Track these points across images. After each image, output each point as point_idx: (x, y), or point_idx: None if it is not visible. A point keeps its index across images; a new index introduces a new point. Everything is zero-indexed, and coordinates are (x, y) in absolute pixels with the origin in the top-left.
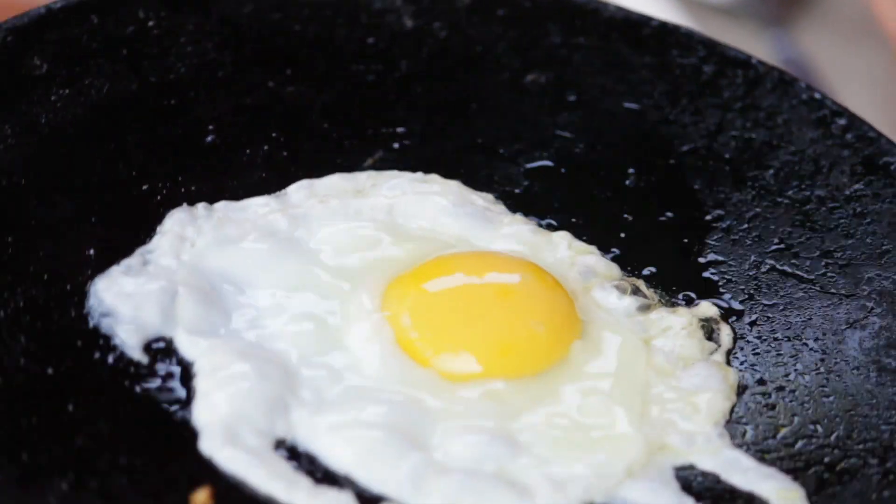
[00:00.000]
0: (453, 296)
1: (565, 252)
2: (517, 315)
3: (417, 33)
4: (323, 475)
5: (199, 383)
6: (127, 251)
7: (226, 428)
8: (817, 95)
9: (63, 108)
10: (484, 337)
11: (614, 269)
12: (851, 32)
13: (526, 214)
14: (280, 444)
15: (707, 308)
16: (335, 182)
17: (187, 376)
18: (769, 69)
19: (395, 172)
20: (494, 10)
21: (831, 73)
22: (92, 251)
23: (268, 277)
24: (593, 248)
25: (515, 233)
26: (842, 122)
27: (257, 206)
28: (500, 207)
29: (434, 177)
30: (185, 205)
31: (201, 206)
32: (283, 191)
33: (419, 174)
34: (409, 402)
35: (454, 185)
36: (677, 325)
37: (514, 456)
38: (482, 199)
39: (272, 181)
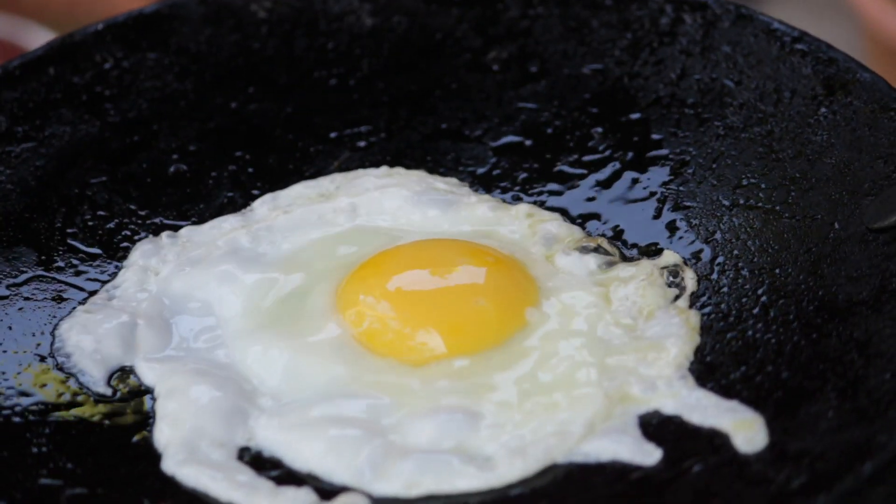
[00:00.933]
0: (400, 284)
1: (525, 223)
2: (461, 293)
3: (377, 31)
4: (286, 476)
5: (159, 406)
6: (96, 290)
7: (185, 445)
8: (774, 25)
9: (24, 162)
10: (431, 318)
11: (576, 232)
12: (818, 7)
13: (494, 191)
14: (244, 452)
15: (669, 256)
16: (299, 191)
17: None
18: (726, 7)
19: (359, 172)
20: None
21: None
22: (59, 295)
23: (230, 294)
24: (556, 215)
25: (475, 213)
26: (801, 47)
27: (221, 225)
28: (465, 189)
29: (398, 170)
30: (149, 236)
31: (165, 234)
32: (248, 207)
33: (383, 168)
34: (367, 392)
35: (417, 175)
36: (638, 277)
37: (473, 430)
38: (446, 184)
39: (239, 200)
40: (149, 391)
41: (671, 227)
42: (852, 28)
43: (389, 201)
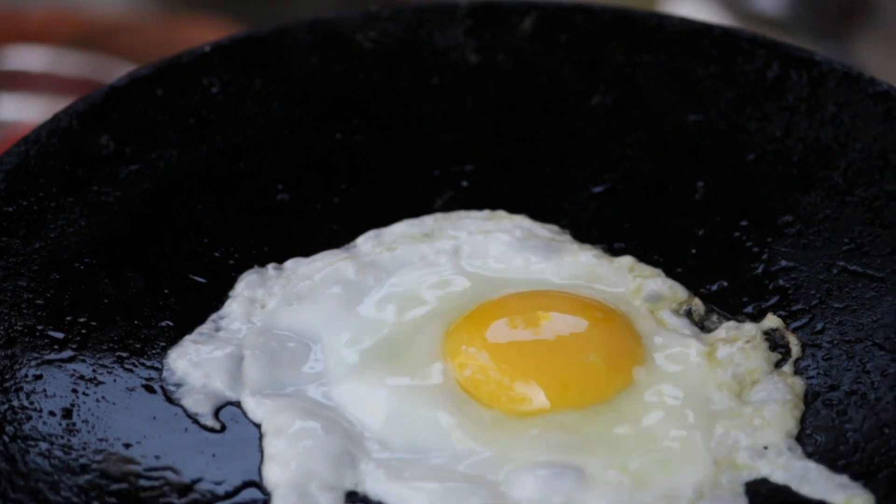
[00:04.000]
0: (510, 336)
1: (629, 278)
2: (570, 347)
3: (482, 68)
4: None
5: (267, 444)
6: (202, 318)
7: (295, 487)
8: (882, 88)
9: (132, 184)
10: (540, 372)
11: (679, 290)
12: None
13: (595, 239)
14: (351, 497)
15: (772, 320)
16: (402, 229)
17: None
18: (832, 66)
19: (461, 213)
20: (557, 36)
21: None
22: (168, 323)
23: (335, 333)
24: (658, 271)
25: (578, 262)
26: None
27: (326, 260)
28: (566, 237)
29: (500, 213)
30: (255, 266)
31: (271, 266)
32: (352, 242)
33: (486, 212)
34: (476, 443)
35: (519, 220)
36: (742, 339)
37: (581, 487)
38: (548, 231)
39: (343, 234)
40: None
41: (774, 289)
42: None
43: (492, 245)
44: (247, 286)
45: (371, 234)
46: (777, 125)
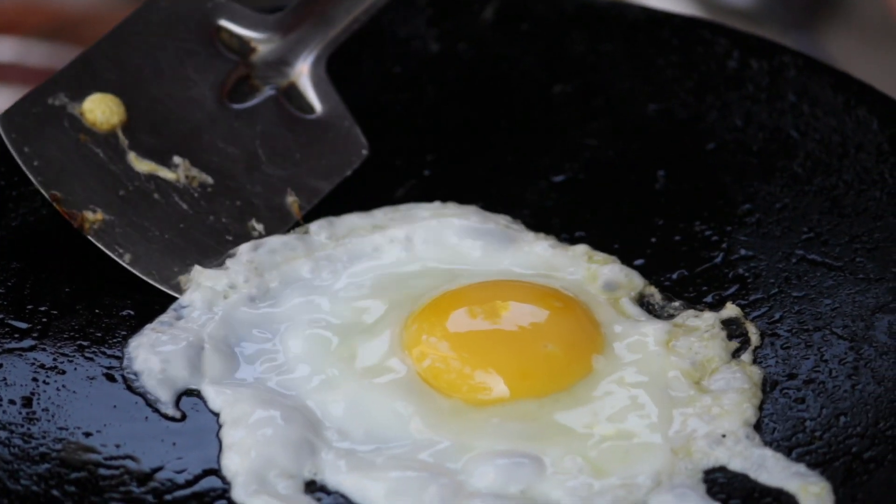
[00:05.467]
0: (468, 325)
1: (585, 265)
2: (530, 337)
3: (443, 57)
4: None
5: (226, 433)
6: (163, 307)
7: (255, 475)
8: (842, 77)
9: None
10: (499, 361)
11: (635, 278)
12: (874, 35)
13: (556, 228)
14: (310, 486)
15: (731, 309)
16: (353, 221)
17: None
18: (793, 55)
19: (411, 205)
20: (518, 24)
21: (854, 75)
22: (129, 311)
23: (293, 325)
24: (614, 259)
25: (534, 252)
26: (867, 101)
27: (283, 248)
28: (520, 225)
29: (451, 204)
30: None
31: (228, 257)
32: (306, 229)
33: (436, 203)
34: (435, 433)
35: (471, 210)
36: (700, 330)
37: (540, 475)
38: (502, 220)
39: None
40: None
41: (734, 278)
42: None
43: (448, 235)
44: (208, 276)
45: (324, 222)
46: (737, 114)
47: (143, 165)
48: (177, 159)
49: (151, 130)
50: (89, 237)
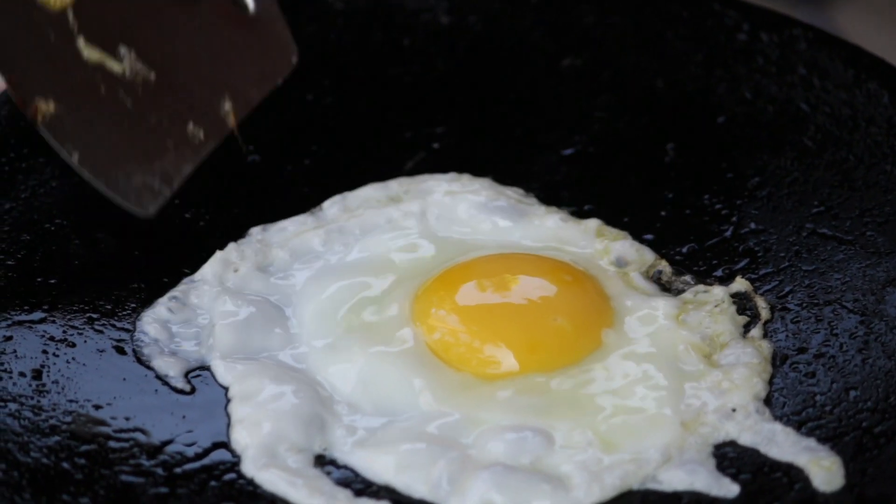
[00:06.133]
0: (479, 299)
1: (596, 240)
2: (539, 310)
3: (453, 30)
4: (363, 486)
5: (235, 407)
6: (175, 281)
7: (265, 449)
8: (852, 50)
9: None
10: (509, 335)
11: (646, 253)
12: (885, 8)
13: (565, 202)
14: (320, 460)
15: (741, 283)
16: (368, 193)
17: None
18: (802, 28)
19: (426, 176)
20: None
21: (865, 49)
22: (139, 285)
23: (305, 299)
24: (625, 234)
25: (545, 225)
26: (877, 75)
27: (294, 226)
28: (532, 199)
29: (465, 176)
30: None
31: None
32: (318, 206)
33: (451, 174)
34: (445, 406)
35: (484, 182)
36: (710, 304)
37: (549, 448)
38: (514, 193)
39: (313, 196)
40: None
41: (744, 252)
42: None
43: (459, 207)
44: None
45: (337, 198)
46: (747, 88)
47: (92, 53)
48: (123, 50)
49: (100, 13)
50: (41, 130)
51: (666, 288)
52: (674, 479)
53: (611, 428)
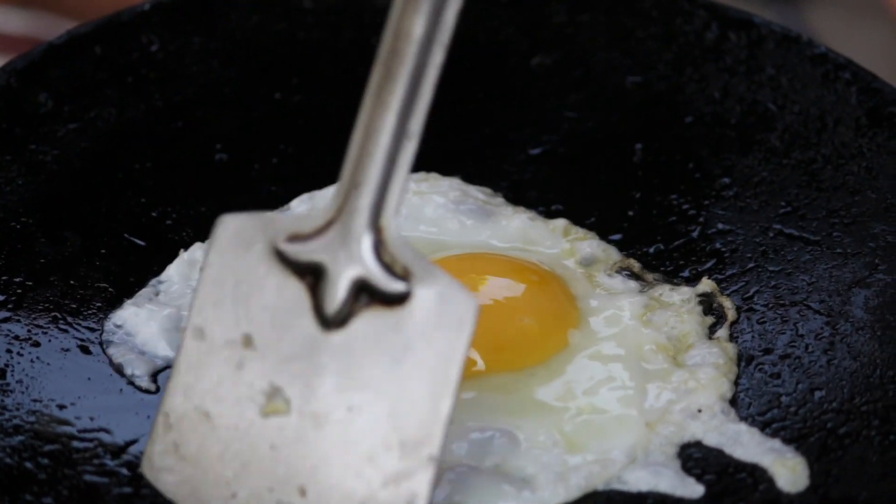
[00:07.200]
0: None
1: (563, 240)
2: (505, 310)
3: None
4: None
5: None
6: (141, 280)
7: None
8: (821, 50)
9: (70, 143)
10: (476, 336)
11: (613, 253)
12: (856, 10)
13: (533, 201)
14: None
15: (706, 284)
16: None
17: None
18: (771, 28)
19: None
20: None
21: (833, 49)
22: (104, 285)
23: None
24: (592, 234)
25: (513, 225)
26: (846, 75)
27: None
28: (499, 199)
29: (433, 175)
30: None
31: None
32: (286, 205)
33: (419, 173)
34: None
35: (453, 183)
36: (676, 304)
37: (514, 449)
38: (482, 194)
39: (280, 194)
40: None
41: (711, 252)
42: (889, 30)
43: (426, 208)
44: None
45: (305, 197)
46: (715, 87)
47: None
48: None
49: None
50: None
51: (632, 288)
52: (639, 480)
53: (576, 428)
